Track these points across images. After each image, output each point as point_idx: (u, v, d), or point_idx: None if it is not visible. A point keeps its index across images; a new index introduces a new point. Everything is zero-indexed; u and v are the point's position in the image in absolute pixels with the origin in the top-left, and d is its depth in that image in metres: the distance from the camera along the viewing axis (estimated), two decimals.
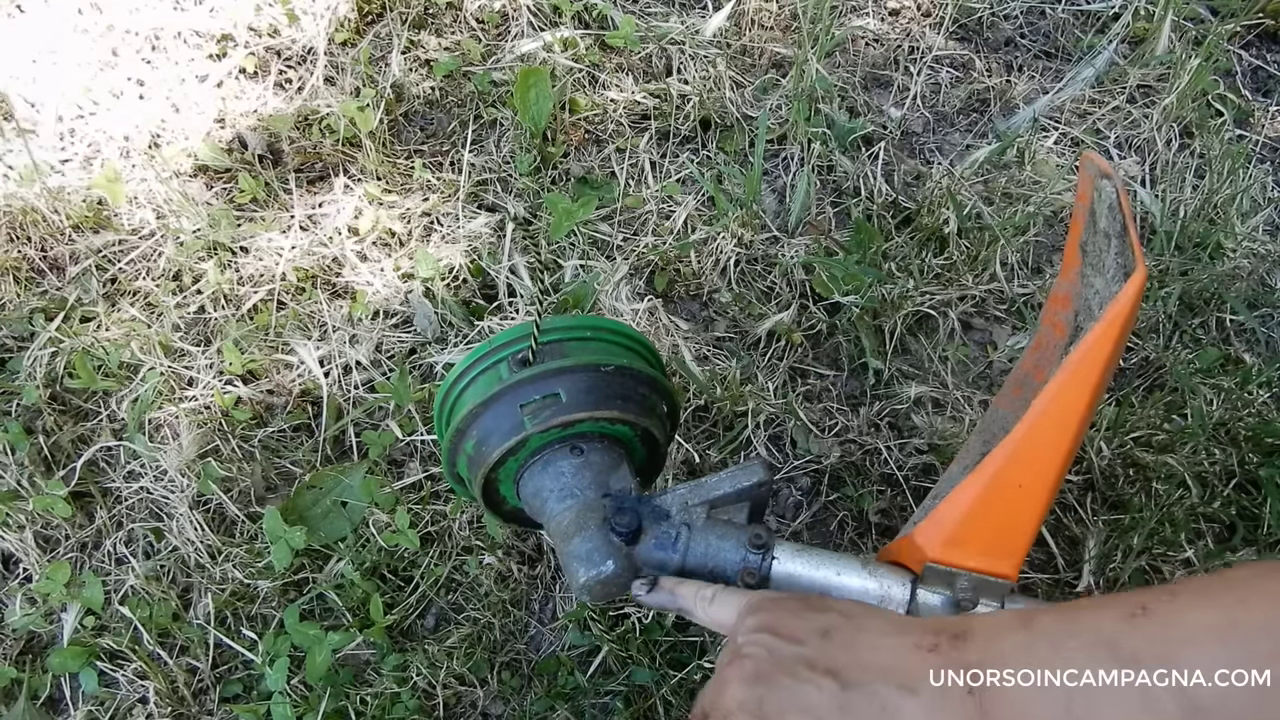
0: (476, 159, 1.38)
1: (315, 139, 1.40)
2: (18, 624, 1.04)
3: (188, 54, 1.48)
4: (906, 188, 1.38)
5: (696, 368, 1.18)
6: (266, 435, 1.15)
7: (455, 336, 1.22)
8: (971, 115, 1.49)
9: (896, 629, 0.49)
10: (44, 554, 1.09)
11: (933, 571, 0.65)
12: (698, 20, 1.53)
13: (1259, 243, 1.33)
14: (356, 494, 1.08)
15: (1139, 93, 1.49)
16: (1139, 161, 1.43)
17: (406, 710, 0.99)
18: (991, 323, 1.26)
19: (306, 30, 1.49)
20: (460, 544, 1.07)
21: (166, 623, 1.04)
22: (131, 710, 1.01)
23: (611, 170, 1.38)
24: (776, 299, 1.26)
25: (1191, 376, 1.17)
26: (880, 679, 0.46)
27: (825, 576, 0.66)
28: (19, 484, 1.11)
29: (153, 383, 1.16)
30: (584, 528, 0.62)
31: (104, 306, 1.24)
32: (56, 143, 1.39)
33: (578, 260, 1.27)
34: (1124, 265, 0.68)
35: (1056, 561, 1.04)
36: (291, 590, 1.06)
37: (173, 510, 1.10)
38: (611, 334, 0.73)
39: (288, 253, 1.27)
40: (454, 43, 1.50)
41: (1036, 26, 1.59)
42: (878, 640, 0.49)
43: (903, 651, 0.47)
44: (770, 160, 1.40)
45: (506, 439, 0.65)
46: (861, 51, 1.54)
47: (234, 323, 1.23)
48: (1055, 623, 0.45)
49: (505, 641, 1.04)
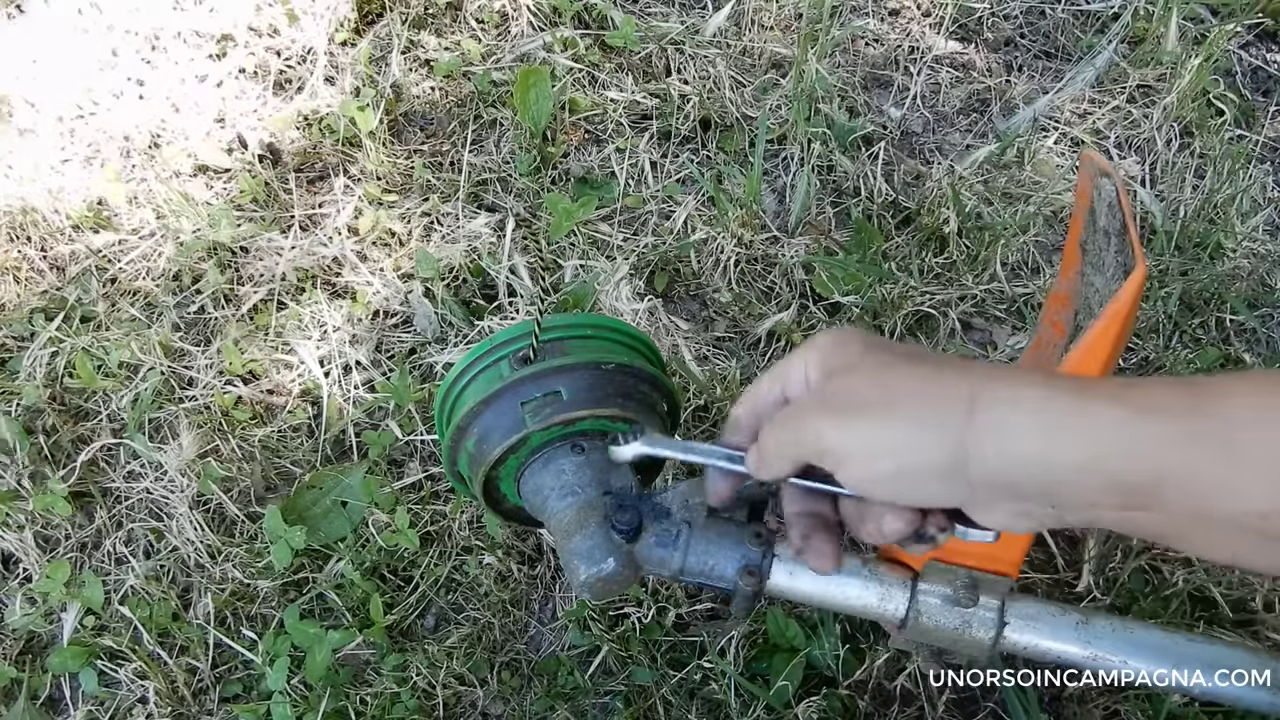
0: (476, 159, 1.38)
1: (315, 139, 1.40)
2: (18, 624, 1.04)
3: (188, 54, 1.48)
4: (906, 188, 1.38)
5: (696, 367, 1.18)
6: (266, 435, 1.15)
7: (455, 336, 1.22)
8: (971, 115, 1.49)
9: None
10: (44, 554, 1.08)
11: (933, 569, 0.65)
12: (698, 20, 1.53)
13: (1259, 243, 1.33)
14: (356, 494, 1.08)
15: (1139, 93, 1.49)
16: (1139, 161, 1.43)
17: (406, 710, 0.98)
18: (991, 322, 1.26)
19: (306, 30, 1.49)
20: (460, 544, 1.07)
21: (166, 623, 1.04)
22: (131, 710, 1.01)
23: (611, 170, 1.38)
24: (776, 299, 1.26)
25: None
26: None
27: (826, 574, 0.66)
28: (19, 484, 1.11)
29: (153, 383, 1.16)
30: (585, 525, 0.62)
31: (104, 306, 1.24)
32: (56, 143, 1.39)
33: (578, 260, 1.27)
34: (1124, 263, 0.67)
35: (1056, 561, 1.04)
36: (291, 590, 1.06)
37: (173, 510, 1.10)
38: (612, 332, 0.72)
39: (288, 253, 1.27)
40: (454, 43, 1.50)
41: (1036, 26, 1.59)
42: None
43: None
44: (770, 160, 1.40)
45: (507, 437, 0.65)
46: (861, 51, 1.54)
47: (234, 323, 1.23)
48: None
49: (505, 641, 1.04)
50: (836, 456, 0.46)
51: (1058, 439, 0.41)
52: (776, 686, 0.96)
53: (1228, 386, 0.40)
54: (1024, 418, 0.42)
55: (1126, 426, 0.40)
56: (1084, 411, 0.41)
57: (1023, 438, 0.42)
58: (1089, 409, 0.41)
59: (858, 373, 0.47)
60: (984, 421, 0.42)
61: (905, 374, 0.45)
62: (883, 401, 0.45)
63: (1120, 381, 0.42)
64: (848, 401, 0.46)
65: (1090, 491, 0.41)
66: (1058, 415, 0.41)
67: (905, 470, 0.44)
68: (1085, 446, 0.41)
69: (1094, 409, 0.41)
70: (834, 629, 0.99)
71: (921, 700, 1.00)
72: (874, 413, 0.45)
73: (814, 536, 0.54)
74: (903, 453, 0.44)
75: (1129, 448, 0.40)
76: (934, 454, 0.43)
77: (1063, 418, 0.41)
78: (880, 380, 0.46)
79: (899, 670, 1.00)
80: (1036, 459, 0.42)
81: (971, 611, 0.65)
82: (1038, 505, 0.44)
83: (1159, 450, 0.40)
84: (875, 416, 0.45)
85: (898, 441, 0.44)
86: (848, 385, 0.47)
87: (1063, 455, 0.41)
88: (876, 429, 0.45)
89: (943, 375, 0.44)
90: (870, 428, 0.45)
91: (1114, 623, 0.66)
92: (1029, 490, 0.43)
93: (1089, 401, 0.41)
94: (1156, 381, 0.42)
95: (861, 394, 0.46)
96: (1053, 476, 0.42)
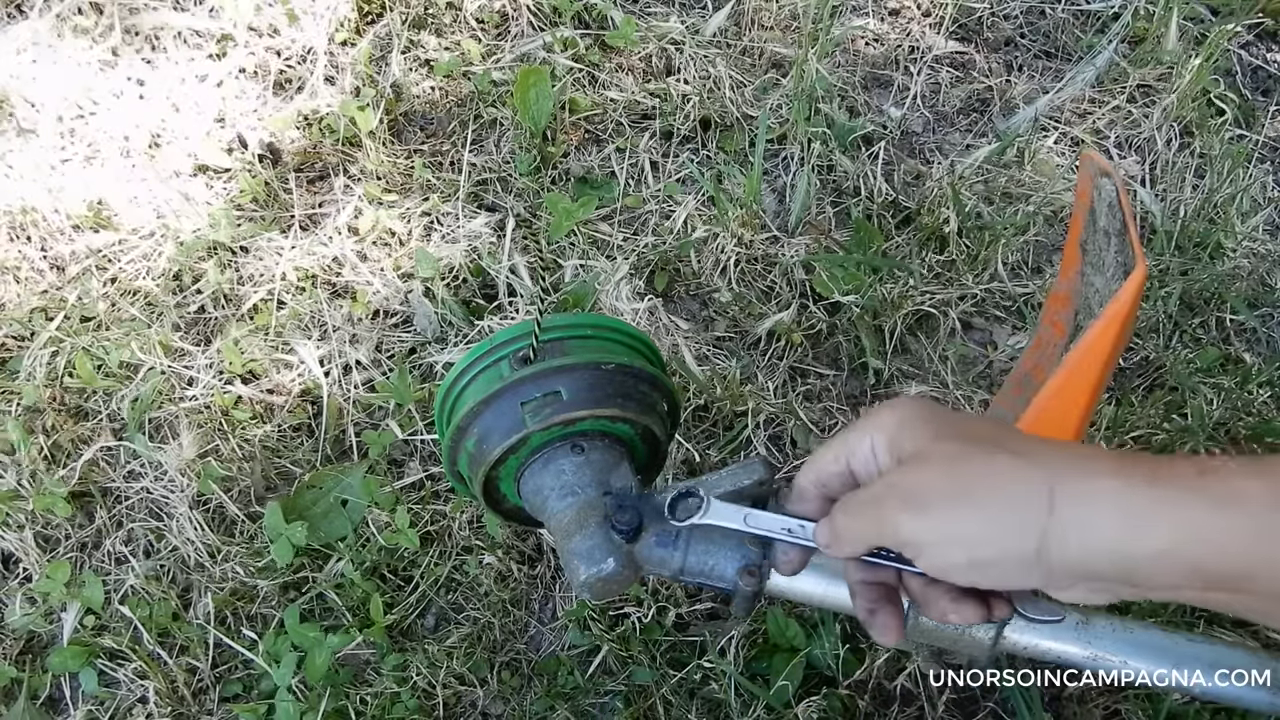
0: (476, 159, 1.38)
1: (315, 139, 1.40)
2: (18, 623, 1.04)
3: (188, 54, 1.48)
4: (906, 187, 1.38)
5: (696, 367, 1.18)
6: (266, 435, 1.15)
7: (455, 336, 1.22)
8: (971, 115, 1.49)
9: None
10: (44, 554, 1.08)
11: None
12: (698, 20, 1.53)
13: (1259, 242, 1.33)
14: (356, 493, 1.08)
15: (1139, 93, 1.49)
16: (1139, 161, 1.43)
17: (406, 710, 0.98)
18: (991, 322, 1.26)
19: (306, 30, 1.49)
20: (460, 544, 1.07)
21: (166, 622, 1.04)
22: (131, 710, 1.01)
23: (611, 170, 1.38)
24: (776, 299, 1.26)
25: (1191, 376, 1.17)
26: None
27: (826, 574, 0.66)
28: (19, 484, 1.11)
29: (153, 382, 1.16)
30: (585, 525, 0.62)
31: (104, 306, 1.24)
32: (56, 143, 1.39)
33: (578, 260, 1.27)
34: (1124, 263, 0.67)
35: None
36: (291, 590, 1.06)
37: (173, 510, 1.10)
38: (612, 332, 0.72)
39: (288, 252, 1.27)
40: (454, 42, 1.50)
41: (1036, 26, 1.59)
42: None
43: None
44: (770, 160, 1.40)
45: (507, 437, 0.65)
46: (861, 51, 1.54)
47: (234, 323, 1.23)
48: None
49: (505, 641, 1.04)
50: (918, 547, 0.48)
51: (1139, 532, 0.43)
52: (776, 686, 0.96)
53: None
54: (1105, 511, 0.43)
55: (1209, 520, 0.41)
56: (1164, 501, 0.42)
57: (1105, 530, 0.43)
58: (1168, 500, 0.42)
59: (931, 465, 0.48)
60: (1065, 517, 0.44)
61: (981, 469, 0.47)
62: (962, 494, 0.46)
63: (1195, 465, 0.43)
64: (925, 496, 0.47)
65: (1173, 576, 0.43)
66: (1138, 508, 0.43)
67: (985, 560, 0.46)
68: (1166, 537, 0.42)
69: (1173, 499, 0.42)
70: (834, 629, 0.99)
71: (921, 700, 1.00)
72: (953, 506, 0.46)
73: (880, 611, 0.56)
74: (984, 545, 0.46)
75: (1213, 539, 0.41)
76: (1014, 545, 0.45)
77: (1143, 510, 0.43)
78: (955, 472, 0.47)
79: (899, 670, 1.00)
80: (1117, 548, 0.43)
81: None
82: (1117, 585, 0.45)
83: (1245, 544, 0.41)
84: (955, 510, 0.46)
85: (978, 534, 0.46)
86: (923, 479, 0.48)
87: (1144, 546, 0.43)
88: (956, 524, 0.46)
89: (1017, 469, 0.46)
90: (950, 524, 0.46)
91: (1114, 623, 0.66)
92: (1109, 575, 0.44)
93: (1166, 491, 0.42)
94: (1233, 468, 0.43)
95: (939, 488, 0.47)
96: (1133, 564, 0.43)
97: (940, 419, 0.50)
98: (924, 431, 0.49)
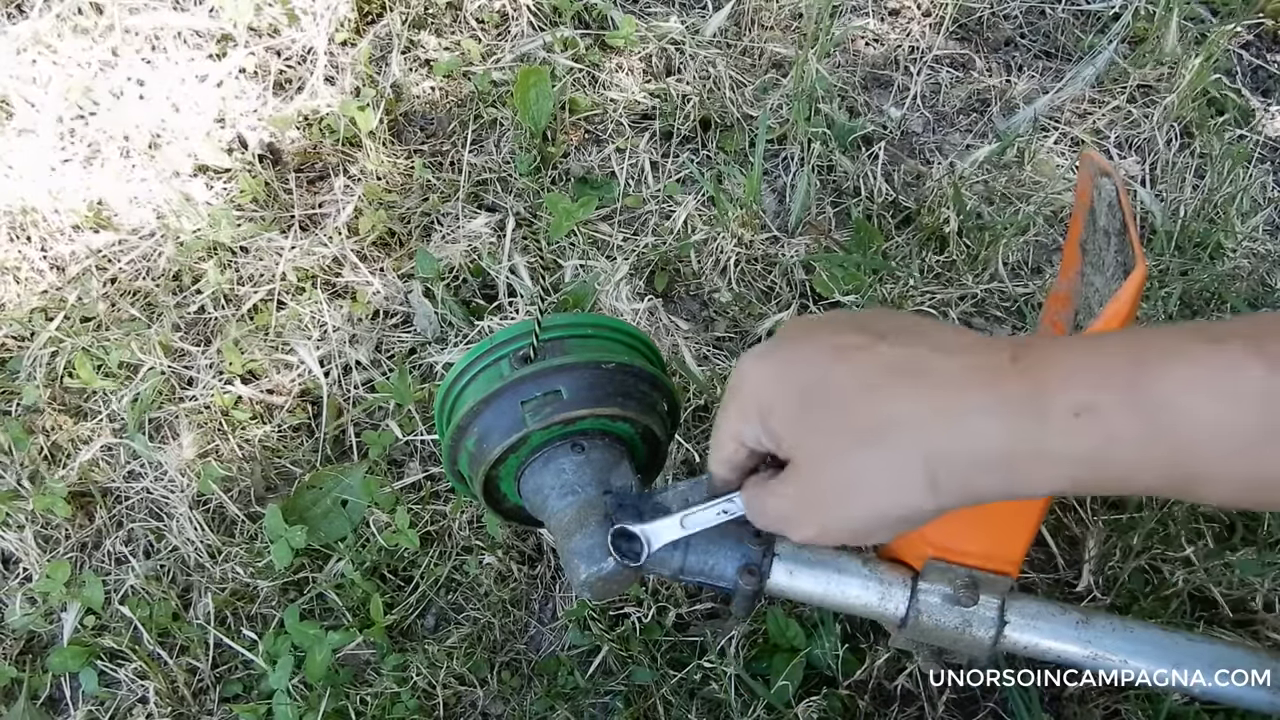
0: (476, 159, 1.38)
1: (315, 139, 1.40)
2: (18, 624, 1.04)
3: (188, 54, 1.48)
4: (906, 187, 1.38)
5: (696, 367, 1.18)
6: (266, 435, 1.15)
7: (455, 336, 1.22)
8: (971, 115, 1.49)
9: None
10: (44, 554, 1.08)
11: (934, 568, 0.65)
12: (698, 20, 1.53)
13: (1259, 242, 1.33)
14: (356, 494, 1.08)
15: (1139, 93, 1.49)
16: (1139, 161, 1.43)
17: (406, 710, 0.98)
18: (992, 322, 1.26)
19: (306, 30, 1.49)
20: (460, 544, 1.07)
21: (166, 622, 1.04)
22: (131, 710, 1.01)
23: (611, 170, 1.38)
24: (776, 299, 1.26)
25: None
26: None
27: (826, 573, 0.66)
28: (19, 484, 1.11)
29: (152, 383, 1.16)
30: (585, 525, 0.62)
31: (104, 306, 1.24)
32: (56, 143, 1.39)
33: (578, 260, 1.27)
34: (1124, 263, 0.67)
35: (1056, 561, 1.04)
36: (291, 590, 1.06)
37: (173, 510, 1.10)
38: (612, 331, 0.73)
39: (288, 253, 1.27)
40: (454, 43, 1.50)
41: (1036, 26, 1.59)
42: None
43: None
44: (770, 160, 1.41)
45: (507, 436, 0.65)
46: (861, 51, 1.54)
47: (234, 323, 1.23)
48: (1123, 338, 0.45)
49: (505, 641, 1.04)
50: (815, 540, 0.54)
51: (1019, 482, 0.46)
52: (776, 686, 0.96)
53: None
54: (990, 470, 0.47)
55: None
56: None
57: (991, 486, 0.47)
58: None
59: (803, 475, 0.51)
60: (949, 489, 0.47)
61: (857, 466, 0.48)
62: (843, 498, 0.50)
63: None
64: (809, 508, 0.52)
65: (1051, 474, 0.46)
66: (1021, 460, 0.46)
67: (881, 534, 0.52)
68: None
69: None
70: (834, 629, 0.99)
71: (921, 700, 1.00)
72: (842, 506, 0.50)
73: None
74: (877, 532, 0.52)
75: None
76: (906, 516, 0.49)
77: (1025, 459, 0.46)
78: (830, 480, 0.50)
79: (899, 670, 1.00)
80: (1004, 489, 0.47)
81: (972, 611, 0.65)
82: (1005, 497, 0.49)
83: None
84: (845, 510, 0.50)
85: (871, 525, 0.51)
86: (803, 492, 0.51)
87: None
88: (848, 523, 0.51)
89: (890, 460, 0.47)
90: (842, 523, 0.51)
91: (1114, 622, 0.66)
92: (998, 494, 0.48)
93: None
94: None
95: (817, 498, 0.51)
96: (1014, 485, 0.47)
97: (802, 396, 0.49)
98: (792, 421, 0.50)
